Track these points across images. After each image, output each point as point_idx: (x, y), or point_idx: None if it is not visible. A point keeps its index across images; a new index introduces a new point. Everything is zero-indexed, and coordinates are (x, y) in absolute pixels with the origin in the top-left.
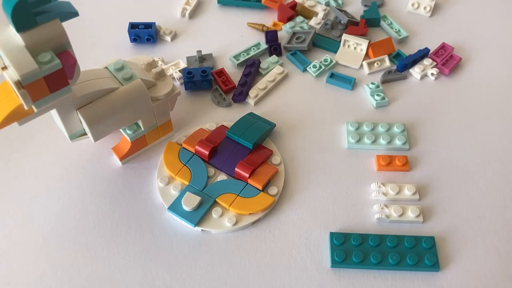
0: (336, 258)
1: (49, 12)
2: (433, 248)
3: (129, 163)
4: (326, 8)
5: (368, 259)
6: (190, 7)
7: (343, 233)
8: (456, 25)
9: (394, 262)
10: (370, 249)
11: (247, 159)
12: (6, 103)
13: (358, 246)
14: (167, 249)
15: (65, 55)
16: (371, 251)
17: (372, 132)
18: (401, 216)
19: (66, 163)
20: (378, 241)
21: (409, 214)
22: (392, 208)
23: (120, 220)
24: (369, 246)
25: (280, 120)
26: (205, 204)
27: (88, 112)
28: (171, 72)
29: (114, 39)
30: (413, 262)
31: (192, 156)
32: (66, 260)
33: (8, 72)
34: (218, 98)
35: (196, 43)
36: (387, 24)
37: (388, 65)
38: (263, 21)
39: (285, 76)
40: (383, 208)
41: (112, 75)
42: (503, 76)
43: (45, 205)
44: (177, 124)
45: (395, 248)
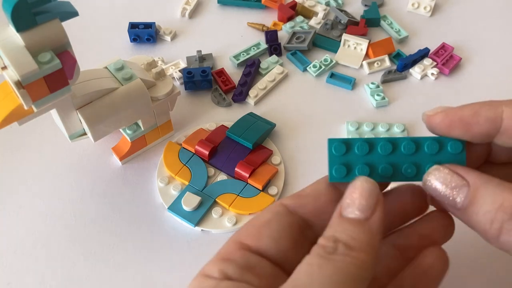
0: (334, 173)
1: (49, 12)
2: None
3: (129, 163)
4: (326, 8)
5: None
6: (190, 7)
7: (344, 140)
8: (456, 25)
9: (411, 175)
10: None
11: (247, 159)
12: (6, 103)
13: (364, 157)
14: (167, 249)
15: (65, 55)
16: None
17: (372, 132)
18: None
19: (66, 163)
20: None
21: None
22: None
23: (120, 220)
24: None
25: (280, 120)
26: (205, 204)
27: (88, 112)
28: (171, 72)
29: (114, 39)
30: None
31: (192, 156)
32: (66, 260)
33: (8, 72)
34: (218, 98)
35: (196, 43)
36: (387, 24)
37: (388, 65)
38: (263, 21)
39: (285, 76)
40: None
41: (112, 75)
42: (503, 76)
43: (45, 205)
44: (177, 124)
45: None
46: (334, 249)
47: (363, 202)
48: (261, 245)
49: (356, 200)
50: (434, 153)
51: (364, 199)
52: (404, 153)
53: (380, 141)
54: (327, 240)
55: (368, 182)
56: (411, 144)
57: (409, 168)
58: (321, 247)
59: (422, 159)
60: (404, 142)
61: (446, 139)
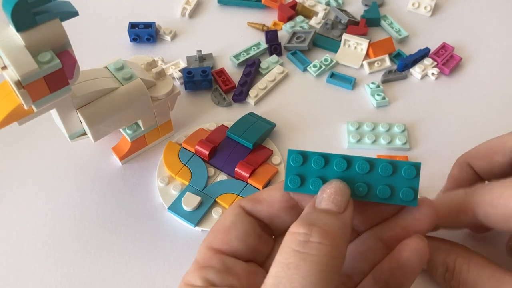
0: (289, 183)
1: (49, 12)
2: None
3: (129, 163)
4: (326, 7)
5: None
6: (190, 7)
7: (302, 152)
8: (456, 25)
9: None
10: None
11: (247, 159)
12: (6, 103)
13: (319, 170)
14: (167, 249)
15: (65, 54)
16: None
17: (372, 132)
18: None
19: (66, 163)
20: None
21: None
22: None
23: (120, 220)
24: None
25: (280, 120)
26: (205, 204)
27: (88, 112)
28: (171, 72)
29: (114, 38)
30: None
31: (192, 156)
32: (66, 260)
33: (8, 72)
34: (218, 98)
35: (196, 42)
36: (387, 24)
37: (389, 64)
38: (263, 21)
39: (285, 75)
40: None
41: (112, 75)
42: (503, 76)
43: (45, 205)
44: (177, 124)
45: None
46: (308, 235)
47: (337, 197)
48: (232, 247)
49: (332, 195)
50: (388, 175)
51: (339, 195)
52: (358, 172)
53: (336, 158)
54: (300, 225)
55: (342, 183)
56: (365, 164)
57: (360, 187)
58: (294, 236)
59: (374, 180)
60: (359, 161)
61: (401, 162)
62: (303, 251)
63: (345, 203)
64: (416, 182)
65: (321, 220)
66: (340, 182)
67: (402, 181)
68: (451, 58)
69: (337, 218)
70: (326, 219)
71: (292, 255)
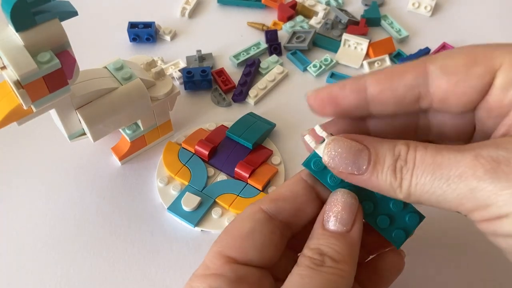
0: (312, 166)
1: (48, 12)
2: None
3: (129, 163)
4: (326, 7)
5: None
6: (189, 7)
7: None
8: (456, 25)
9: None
10: None
11: (247, 159)
12: (5, 103)
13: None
14: (166, 249)
15: (64, 54)
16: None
17: None
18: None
19: (65, 163)
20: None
21: None
22: None
23: (120, 220)
24: None
25: (280, 120)
26: (205, 204)
27: (88, 112)
28: (170, 72)
29: (113, 38)
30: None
31: (192, 156)
32: (66, 260)
33: (7, 72)
34: (218, 98)
35: (195, 42)
36: (387, 24)
37: (389, 64)
38: (263, 21)
39: (285, 75)
40: None
41: (112, 74)
42: None
43: (45, 205)
44: (176, 124)
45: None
46: (322, 262)
47: (344, 215)
48: (247, 257)
49: (338, 214)
50: (395, 210)
51: (346, 212)
52: (376, 195)
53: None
54: (313, 252)
55: (348, 195)
56: (400, 203)
57: (367, 205)
58: (309, 259)
59: (382, 207)
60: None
61: (412, 207)
62: (317, 268)
63: (352, 219)
64: (411, 229)
65: (330, 247)
66: (347, 194)
67: (402, 222)
68: None
69: (345, 240)
70: (335, 245)
71: (306, 269)
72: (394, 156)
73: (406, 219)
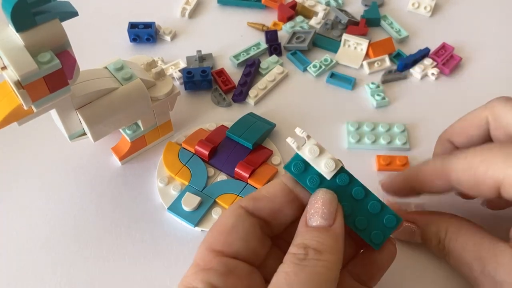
0: (292, 168)
1: (48, 12)
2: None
3: (129, 163)
4: (326, 7)
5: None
6: (190, 7)
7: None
8: (456, 25)
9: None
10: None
11: (247, 159)
12: (5, 103)
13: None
14: (166, 249)
15: (64, 55)
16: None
17: (372, 132)
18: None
19: (66, 163)
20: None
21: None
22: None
23: (120, 220)
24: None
25: (280, 120)
26: (205, 204)
27: (88, 112)
28: (170, 72)
29: (113, 39)
30: None
31: (192, 156)
32: (66, 260)
33: (7, 72)
34: (218, 98)
35: (196, 43)
36: (387, 24)
37: (389, 65)
38: (263, 21)
39: (285, 76)
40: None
41: (112, 75)
42: (503, 76)
43: (45, 205)
44: (177, 124)
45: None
46: (305, 255)
47: (325, 210)
48: (233, 248)
49: (319, 209)
50: (372, 213)
51: (326, 207)
52: (352, 195)
53: (341, 172)
54: (298, 247)
55: (328, 192)
56: (361, 191)
57: (345, 207)
58: (293, 255)
59: (359, 209)
60: (357, 187)
61: (388, 209)
62: (301, 264)
63: (333, 214)
64: (389, 231)
65: (314, 240)
66: (326, 192)
67: (380, 224)
68: (451, 58)
69: (328, 233)
70: (318, 238)
71: (292, 266)
72: (435, 240)
73: (383, 221)
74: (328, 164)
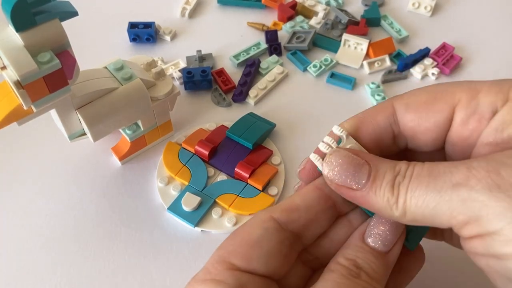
0: None
1: (48, 12)
2: None
3: (129, 163)
4: (326, 7)
5: None
6: (190, 7)
7: None
8: (456, 25)
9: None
10: None
11: (247, 159)
12: (5, 103)
13: None
14: (166, 249)
15: (64, 55)
16: None
17: None
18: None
19: (65, 163)
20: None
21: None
22: None
23: (120, 220)
24: None
25: (280, 120)
26: (205, 204)
27: (88, 112)
28: (170, 72)
29: (113, 38)
30: None
31: (192, 156)
32: (66, 261)
33: (7, 72)
34: (218, 98)
35: (196, 42)
36: (387, 24)
37: (389, 64)
38: (263, 21)
39: (285, 76)
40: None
41: (112, 75)
42: (503, 76)
43: (44, 205)
44: (177, 124)
45: None
46: (358, 274)
47: (389, 236)
48: (251, 266)
49: (384, 233)
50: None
51: (391, 233)
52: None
53: None
54: (349, 263)
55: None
56: None
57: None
58: (345, 269)
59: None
60: None
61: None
62: (354, 281)
63: (395, 242)
64: (425, 230)
65: (367, 263)
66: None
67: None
68: (451, 58)
69: (382, 260)
70: (372, 263)
71: (343, 279)
72: (394, 173)
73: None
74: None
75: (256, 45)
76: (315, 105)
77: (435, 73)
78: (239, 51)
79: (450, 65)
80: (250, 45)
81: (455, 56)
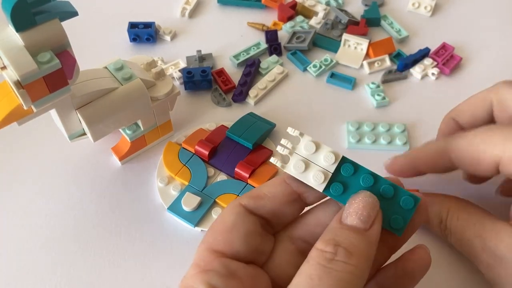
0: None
1: (48, 12)
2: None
3: (129, 163)
4: (326, 7)
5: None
6: (190, 7)
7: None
8: (456, 25)
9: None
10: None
11: (247, 159)
12: (5, 103)
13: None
14: (166, 249)
15: (64, 54)
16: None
17: (372, 132)
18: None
19: (65, 163)
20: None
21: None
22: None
23: (120, 220)
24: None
25: (280, 120)
26: (205, 204)
27: (88, 112)
28: (170, 72)
29: (113, 38)
30: None
31: (192, 156)
32: (66, 261)
33: (7, 72)
34: (218, 98)
35: (196, 42)
36: (387, 24)
37: (389, 64)
38: (263, 21)
39: (285, 76)
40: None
41: (112, 75)
42: (503, 76)
43: (44, 205)
44: (177, 124)
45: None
46: (334, 254)
47: (365, 213)
48: (234, 248)
49: (359, 210)
50: (387, 197)
51: (366, 210)
52: (380, 193)
53: (364, 172)
54: (327, 243)
55: (371, 196)
56: (390, 189)
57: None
58: (321, 253)
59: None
60: (385, 184)
61: (403, 191)
62: (327, 266)
63: (372, 219)
64: (409, 214)
65: (347, 239)
66: (369, 196)
67: (397, 208)
68: (451, 58)
69: (362, 236)
70: (352, 238)
71: (316, 268)
72: (437, 220)
73: (400, 204)
74: (327, 157)
75: (256, 45)
76: (315, 105)
77: (435, 73)
78: (239, 51)
79: (450, 65)
80: (250, 45)
81: (455, 56)
